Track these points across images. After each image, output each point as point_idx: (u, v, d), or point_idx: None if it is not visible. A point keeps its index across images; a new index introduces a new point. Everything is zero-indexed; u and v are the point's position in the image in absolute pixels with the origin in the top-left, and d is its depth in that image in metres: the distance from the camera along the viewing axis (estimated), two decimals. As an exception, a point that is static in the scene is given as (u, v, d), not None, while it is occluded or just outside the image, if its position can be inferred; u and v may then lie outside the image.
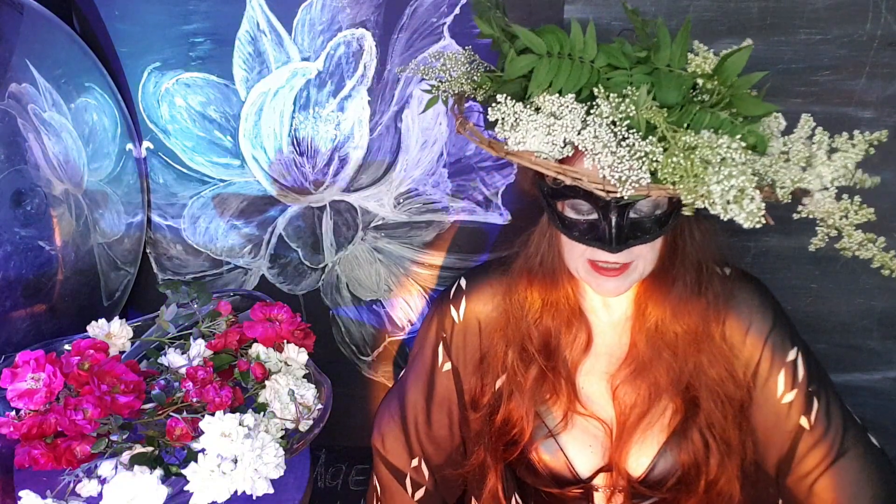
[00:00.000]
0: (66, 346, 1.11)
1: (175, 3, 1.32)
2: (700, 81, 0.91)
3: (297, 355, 1.13)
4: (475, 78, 1.00)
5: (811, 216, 0.86)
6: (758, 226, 0.81)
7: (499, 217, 1.41)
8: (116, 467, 0.95)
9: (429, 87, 1.02)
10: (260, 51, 1.34)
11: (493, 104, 0.91)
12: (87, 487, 0.94)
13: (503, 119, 0.90)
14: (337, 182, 1.42)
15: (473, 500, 1.27)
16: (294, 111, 1.38)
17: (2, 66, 1.14)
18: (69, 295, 1.28)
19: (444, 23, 1.29)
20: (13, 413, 1.00)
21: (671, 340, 1.08)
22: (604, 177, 0.85)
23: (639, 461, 1.11)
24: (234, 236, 1.47)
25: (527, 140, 0.89)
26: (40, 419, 0.98)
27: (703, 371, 1.08)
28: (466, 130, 0.97)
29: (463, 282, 1.21)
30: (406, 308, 1.49)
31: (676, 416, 1.10)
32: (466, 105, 1.05)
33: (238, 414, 0.95)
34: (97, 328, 1.15)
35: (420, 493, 1.29)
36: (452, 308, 1.20)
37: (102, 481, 0.94)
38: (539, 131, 0.88)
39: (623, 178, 0.84)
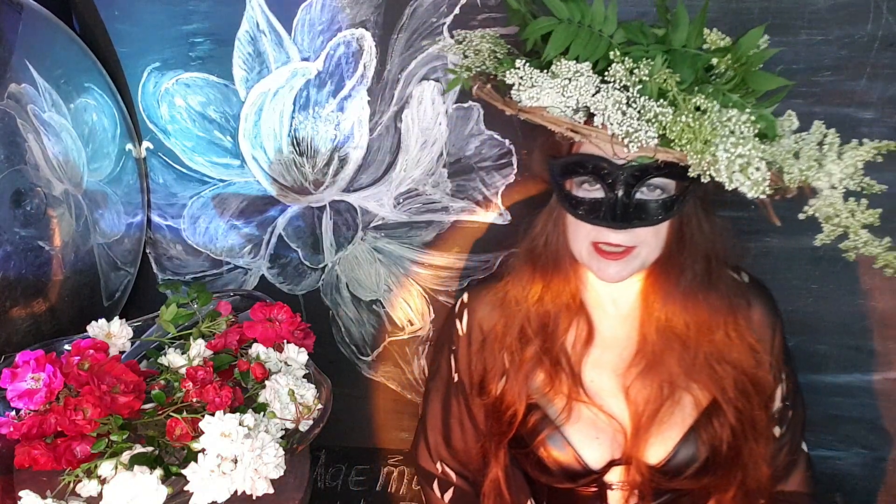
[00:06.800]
0: (66, 346, 1.11)
1: (175, 3, 1.32)
2: (715, 61, 0.93)
3: (297, 355, 1.12)
4: (499, 56, 1.03)
5: (817, 214, 0.87)
6: (763, 196, 0.83)
7: (499, 217, 1.41)
8: (116, 467, 0.95)
9: (453, 66, 1.06)
10: (260, 51, 1.34)
11: (511, 69, 0.94)
12: (87, 487, 0.94)
13: (520, 82, 0.93)
14: (337, 182, 1.42)
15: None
16: (294, 111, 1.38)
17: (1, 66, 1.13)
18: (69, 295, 1.28)
19: (444, 23, 1.29)
20: (13, 413, 1.00)
21: (682, 331, 1.08)
22: (612, 135, 0.88)
23: (657, 451, 1.10)
24: (234, 236, 1.47)
25: (541, 97, 0.92)
26: (40, 419, 0.98)
27: (724, 358, 1.08)
28: (484, 92, 1.00)
29: (465, 296, 1.23)
30: (406, 308, 1.49)
31: (698, 405, 1.09)
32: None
33: (238, 414, 0.95)
34: (97, 328, 1.15)
35: (450, 494, 1.29)
36: (457, 322, 1.22)
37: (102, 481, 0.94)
38: (554, 90, 0.91)
39: (631, 131, 0.86)
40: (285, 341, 1.14)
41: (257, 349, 1.12)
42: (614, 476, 1.12)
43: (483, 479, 1.23)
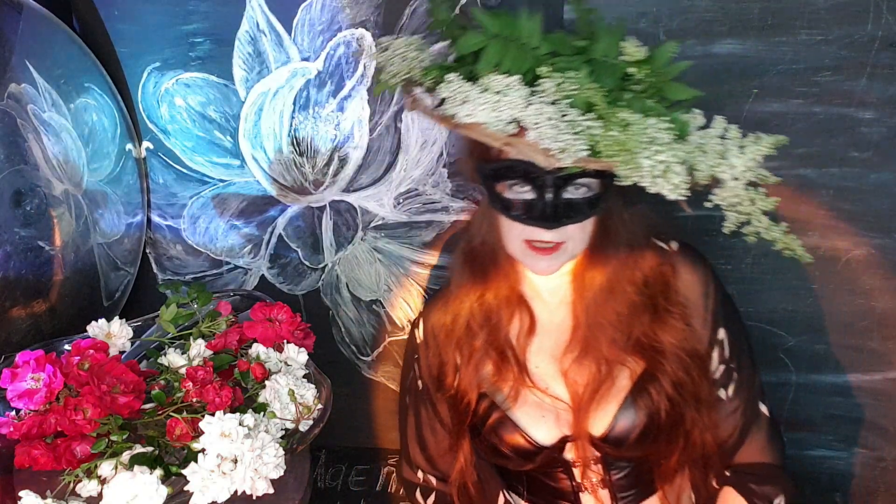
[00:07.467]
0: (66, 346, 1.11)
1: (175, 3, 1.32)
2: (632, 70, 0.96)
3: (297, 355, 1.13)
4: (425, 64, 1.04)
5: (722, 204, 0.91)
6: (681, 199, 0.88)
7: (499, 217, 1.41)
8: (116, 467, 0.95)
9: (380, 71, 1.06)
10: (260, 51, 1.34)
11: (444, 82, 0.97)
12: (87, 487, 0.94)
13: (453, 96, 0.96)
14: (337, 182, 1.42)
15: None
16: (294, 111, 1.38)
17: (1, 66, 1.14)
18: (69, 295, 1.28)
19: (445, 23, 1.29)
20: (13, 413, 1.00)
21: (611, 317, 1.13)
22: (546, 148, 0.91)
23: (599, 423, 1.14)
24: (233, 236, 1.47)
25: (475, 114, 0.94)
26: (40, 419, 0.98)
27: (656, 336, 1.13)
28: (418, 107, 1.02)
29: (422, 308, 1.30)
30: (406, 308, 1.49)
31: (633, 375, 1.14)
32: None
33: (238, 414, 0.95)
34: (97, 328, 1.15)
35: (432, 499, 1.32)
36: (415, 331, 1.29)
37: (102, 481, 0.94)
38: (487, 106, 0.94)
39: (564, 148, 0.90)
40: (285, 341, 1.14)
41: (257, 349, 1.12)
42: (571, 453, 1.16)
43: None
